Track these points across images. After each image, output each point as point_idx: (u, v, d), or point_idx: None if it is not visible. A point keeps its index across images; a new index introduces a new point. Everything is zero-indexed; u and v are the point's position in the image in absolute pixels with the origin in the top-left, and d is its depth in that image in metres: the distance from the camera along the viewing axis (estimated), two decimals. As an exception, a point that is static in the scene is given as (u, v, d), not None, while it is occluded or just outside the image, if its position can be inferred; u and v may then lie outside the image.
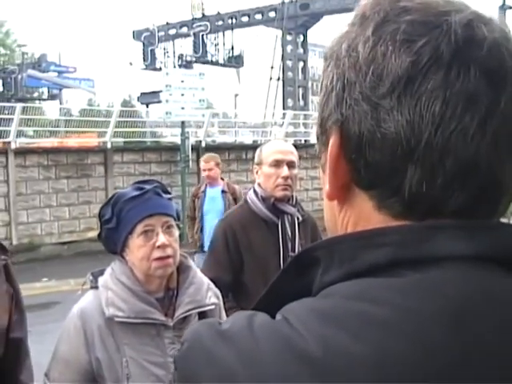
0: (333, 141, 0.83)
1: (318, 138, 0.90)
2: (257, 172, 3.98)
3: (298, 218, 3.93)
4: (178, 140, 19.96)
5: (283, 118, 24.71)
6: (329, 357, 0.70)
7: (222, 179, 9.64)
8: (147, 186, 2.63)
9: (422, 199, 0.79)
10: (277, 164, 3.85)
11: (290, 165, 3.87)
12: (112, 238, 2.66)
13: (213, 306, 2.75)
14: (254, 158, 4.16)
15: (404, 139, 0.77)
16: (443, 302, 0.73)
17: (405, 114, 0.77)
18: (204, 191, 9.48)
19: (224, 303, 3.01)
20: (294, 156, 3.92)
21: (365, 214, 0.83)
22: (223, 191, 9.31)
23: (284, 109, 34.81)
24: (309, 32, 41.99)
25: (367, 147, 0.80)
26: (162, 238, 2.56)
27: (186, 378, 0.78)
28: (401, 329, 0.71)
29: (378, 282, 0.76)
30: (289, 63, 40.80)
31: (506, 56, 0.79)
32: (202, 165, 9.47)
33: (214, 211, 9.09)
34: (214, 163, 9.34)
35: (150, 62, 41.94)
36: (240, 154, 21.06)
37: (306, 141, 22.85)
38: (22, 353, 2.82)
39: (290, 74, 40.79)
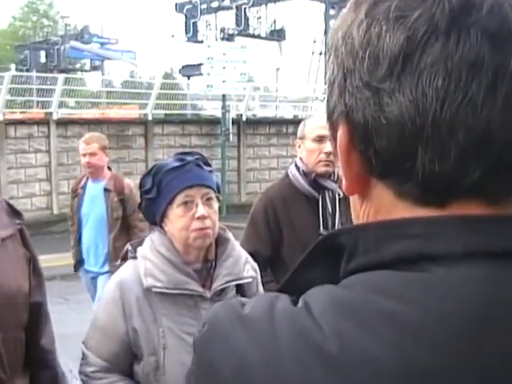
0: (341, 133, 0.81)
1: (329, 132, 0.87)
2: (299, 146, 3.94)
3: (338, 194, 3.89)
4: (218, 113, 20.01)
5: (324, 92, 24.57)
6: (344, 354, 0.68)
7: (110, 169, 6.82)
8: (188, 158, 2.62)
9: (437, 179, 0.75)
10: (320, 139, 3.82)
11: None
12: (152, 208, 2.66)
13: (250, 279, 2.75)
14: (294, 132, 4.13)
15: (409, 120, 0.73)
16: (469, 305, 0.70)
17: (407, 93, 0.73)
18: (84, 187, 6.71)
19: (262, 277, 3.00)
20: None
21: (386, 204, 0.80)
22: (105, 189, 6.48)
23: (326, 84, 34.60)
24: (351, 6, 41.52)
25: (374, 135, 0.76)
26: (201, 210, 2.55)
27: (203, 362, 0.78)
28: (422, 332, 0.68)
29: (401, 276, 0.73)
30: (331, 38, 40.44)
31: (510, 14, 0.74)
32: (82, 148, 6.62)
33: (93, 217, 6.55)
34: (97, 146, 6.52)
35: (192, 35, 41.90)
36: (280, 128, 21.03)
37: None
38: (42, 318, 2.84)
39: (332, 48, 40.44)
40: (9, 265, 2.61)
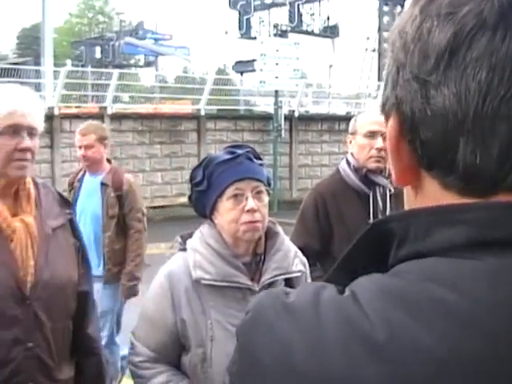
0: (391, 124, 0.82)
1: (385, 123, 0.88)
2: (350, 142, 3.92)
3: (389, 190, 3.86)
4: (270, 109, 20.02)
5: (377, 89, 24.43)
6: (393, 343, 0.67)
7: (109, 162, 6.11)
8: (239, 151, 2.62)
9: (480, 173, 0.75)
10: (371, 135, 3.79)
11: (385, 136, 3.78)
12: (202, 201, 2.66)
13: (299, 274, 2.73)
14: (346, 129, 4.11)
15: (451, 113, 0.74)
16: None
17: (451, 87, 0.74)
18: (80, 180, 6.03)
19: (311, 272, 2.99)
20: None
21: (434, 196, 0.80)
22: (102, 183, 5.83)
23: (379, 80, 34.31)
24: (406, 3, 41.23)
25: (420, 126, 0.78)
26: (251, 203, 2.55)
27: (246, 350, 0.78)
28: (473, 322, 0.67)
29: (453, 263, 0.72)
30: (385, 34, 40.15)
31: None
32: (77, 139, 5.90)
33: (89, 213, 5.85)
34: (95, 138, 5.79)
35: (245, 31, 41.98)
36: (333, 125, 20.97)
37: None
38: (89, 306, 2.88)
39: (385, 45, 40.17)
40: (59, 255, 2.65)
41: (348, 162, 3.88)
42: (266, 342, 0.74)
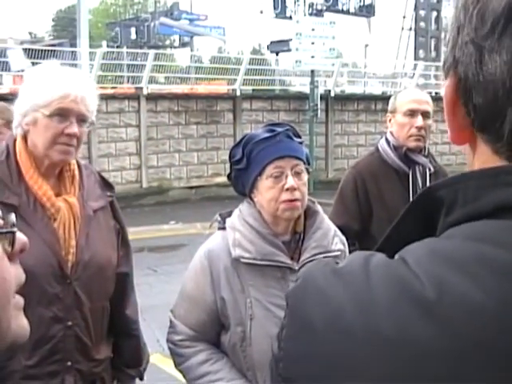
0: (448, 83, 0.82)
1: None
2: (390, 120, 3.89)
3: (429, 169, 3.83)
4: (306, 89, 19.95)
5: (414, 69, 24.25)
6: (445, 301, 0.67)
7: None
8: (279, 129, 2.60)
9: None
10: (411, 113, 3.76)
11: (425, 115, 3.76)
12: (241, 179, 2.65)
13: (339, 253, 2.72)
14: (383, 109, 4.09)
15: (501, 81, 0.74)
16: None
17: (503, 55, 0.73)
18: None
19: (350, 252, 2.97)
20: (429, 106, 3.81)
21: (487, 158, 0.80)
22: None
23: (415, 60, 34.00)
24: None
25: (472, 90, 0.77)
26: (290, 181, 2.53)
27: (296, 314, 0.78)
28: None
29: (503, 223, 0.72)
30: (421, 13, 39.72)
31: None
32: None
33: None
34: (1, 122, 4.61)
35: (281, 11, 41.67)
36: (369, 104, 20.83)
37: (436, 93, 22.33)
38: (128, 288, 2.89)
39: (422, 24, 39.76)
40: (100, 236, 2.67)
41: (387, 141, 3.85)
42: (316, 305, 0.75)
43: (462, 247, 0.71)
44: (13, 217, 1.00)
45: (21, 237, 1.03)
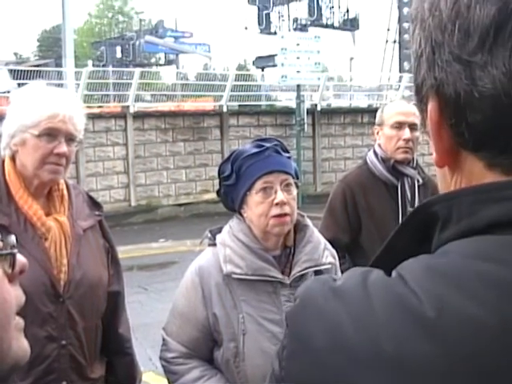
0: (431, 107, 0.79)
1: (416, 106, 0.86)
2: (377, 133, 3.90)
3: (418, 181, 3.84)
4: (292, 104, 20.01)
5: (399, 81, 24.32)
6: (444, 318, 0.67)
7: None
8: (267, 144, 2.61)
9: None
10: (398, 126, 3.78)
11: (412, 127, 3.78)
12: (230, 195, 2.66)
13: (329, 266, 2.72)
14: (369, 122, 4.11)
15: (503, 93, 0.71)
16: None
17: (500, 66, 0.71)
18: None
19: (340, 264, 2.98)
20: (416, 118, 3.82)
21: (476, 175, 0.78)
22: None
23: (400, 72, 34.13)
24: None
25: (466, 109, 0.75)
26: (280, 196, 2.54)
27: (296, 334, 0.77)
28: None
29: (498, 240, 0.72)
30: (405, 25, 39.87)
31: None
32: None
33: None
34: None
35: (265, 26, 41.87)
36: (355, 117, 20.89)
37: (422, 105, 22.39)
38: (120, 306, 2.89)
39: (406, 36, 39.91)
40: (90, 255, 2.67)
41: (375, 153, 3.87)
42: (316, 325, 0.75)
43: (459, 264, 0.71)
44: (13, 238, 1.01)
45: (20, 258, 1.03)
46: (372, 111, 22.23)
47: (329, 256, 2.74)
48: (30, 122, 2.49)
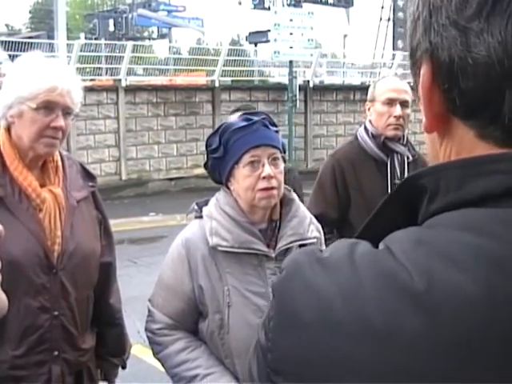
0: (424, 71, 0.79)
1: (410, 70, 0.85)
2: (369, 109, 3.90)
3: (407, 158, 3.84)
4: (285, 80, 19.93)
5: (392, 59, 24.27)
6: (434, 291, 0.67)
7: None
8: (255, 118, 2.61)
9: None
10: (390, 102, 3.78)
11: (403, 104, 3.78)
12: (218, 168, 2.66)
13: (314, 240, 2.73)
14: (362, 99, 4.11)
15: (497, 62, 0.71)
16: None
17: (496, 34, 0.71)
18: None
19: (328, 240, 2.99)
20: (407, 95, 3.82)
21: (467, 145, 0.78)
22: None
23: (394, 50, 34.01)
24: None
25: (459, 75, 0.74)
26: (267, 169, 2.55)
27: (283, 307, 0.77)
28: (510, 267, 0.67)
29: (488, 212, 0.71)
30: (399, 3, 39.69)
31: None
32: None
33: None
34: None
35: (259, 2, 41.45)
36: (348, 95, 20.86)
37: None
38: (111, 277, 2.91)
39: (400, 14, 39.74)
40: (83, 227, 2.67)
41: (366, 130, 3.86)
42: (303, 297, 0.74)
43: (448, 237, 0.71)
44: None
45: None
46: (365, 89, 22.06)
47: (314, 230, 2.76)
48: (28, 94, 2.47)
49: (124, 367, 3.06)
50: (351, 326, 0.69)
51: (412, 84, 0.85)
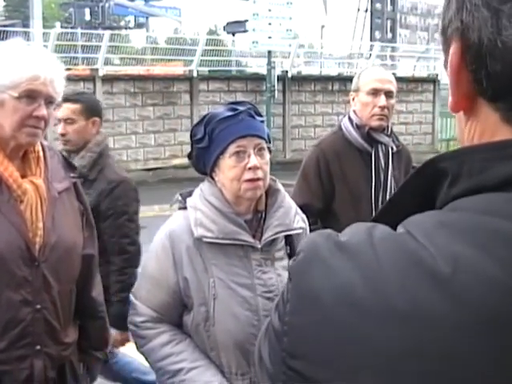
0: (453, 50, 0.78)
1: (442, 46, 0.83)
2: (353, 99, 3.89)
3: (392, 149, 3.84)
4: (263, 70, 19.93)
5: (370, 50, 24.33)
6: (460, 275, 0.66)
7: None
8: (241, 107, 2.58)
9: None
10: (374, 92, 3.77)
11: (388, 94, 3.77)
12: (203, 158, 2.62)
13: (300, 231, 2.72)
14: (340, 89, 4.09)
15: None
16: None
17: None
18: None
19: (312, 230, 2.97)
20: (392, 85, 3.82)
21: (490, 126, 0.77)
22: None
23: (371, 41, 34.16)
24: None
25: (488, 57, 0.73)
26: (253, 160, 2.52)
27: (301, 290, 0.76)
28: None
29: (510, 197, 0.71)
30: (378, -6, 39.88)
31: None
32: None
33: None
34: None
35: (237, -9, 41.51)
36: (326, 85, 20.87)
37: (393, 74, 22.47)
38: (94, 269, 2.87)
39: (378, 5, 39.94)
40: (65, 218, 2.63)
41: (350, 120, 3.85)
42: (323, 280, 0.73)
43: (471, 220, 0.70)
44: None
45: None
46: (342, 79, 22.33)
47: (300, 221, 2.74)
48: (9, 82, 2.42)
49: (107, 361, 3.03)
50: (373, 306, 0.69)
51: (444, 63, 0.83)
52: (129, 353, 4.22)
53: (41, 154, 2.62)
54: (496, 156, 0.73)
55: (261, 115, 2.68)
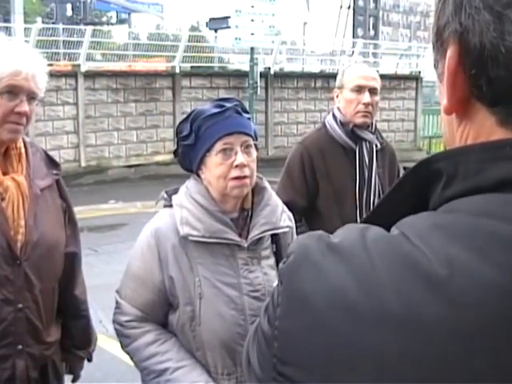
0: (451, 53, 0.75)
1: (433, 47, 0.81)
2: (337, 96, 3.88)
3: (376, 146, 3.83)
4: (245, 67, 19.95)
5: (353, 47, 24.34)
6: (457, 278, 0.64)
7: None
8: (227, 104, 2.55)
9: None
10: (359, 89, 3.76)
11: (372, 91, 3.77)
12: (188, 155, 2.59)
13: (287, 229, 2.70)
14: (322, 86, 4.08)
15: None
16: None
17: None
18: None
19: (297, 228, 2.95)
20: (376, 82, 3.81)
21: (486, 129, 0.75)
22: None
23: (354, 38, 34.21)
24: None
25: (489, 62, 0.71)
26: (240, 157, 2.49)
27: (292, 293, 0.74)
28: None
29: (506, 198, 0.69)
30: (360, -9, 39.95)
31: None
32: None
33: None
34: None
35: (219, -12, 41.45)
36: (308, 82, 20.89)
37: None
38: (76, 267, 2.84)
39: (360, 2, 40.02)
40: (47, 216, 2.60)
41: (335, 117, 3.84)
42: (315, 283, 0.72)
43: (467, 222, 0.69)
44: None
45: None
46: (325, 76, 22.37)
47: (286, 219, 2.72)
48: None
49: (90, 360, 3.00)
50: (367, 310, 0.67)
51: (434, 62, 0.81)
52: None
53: (23, 150, 2.58)
54: (492, 157, 0.71)
55: (247, 112, 2.66)
